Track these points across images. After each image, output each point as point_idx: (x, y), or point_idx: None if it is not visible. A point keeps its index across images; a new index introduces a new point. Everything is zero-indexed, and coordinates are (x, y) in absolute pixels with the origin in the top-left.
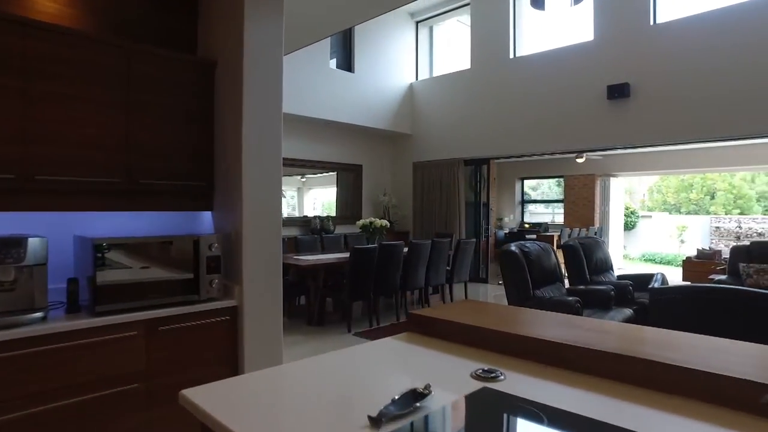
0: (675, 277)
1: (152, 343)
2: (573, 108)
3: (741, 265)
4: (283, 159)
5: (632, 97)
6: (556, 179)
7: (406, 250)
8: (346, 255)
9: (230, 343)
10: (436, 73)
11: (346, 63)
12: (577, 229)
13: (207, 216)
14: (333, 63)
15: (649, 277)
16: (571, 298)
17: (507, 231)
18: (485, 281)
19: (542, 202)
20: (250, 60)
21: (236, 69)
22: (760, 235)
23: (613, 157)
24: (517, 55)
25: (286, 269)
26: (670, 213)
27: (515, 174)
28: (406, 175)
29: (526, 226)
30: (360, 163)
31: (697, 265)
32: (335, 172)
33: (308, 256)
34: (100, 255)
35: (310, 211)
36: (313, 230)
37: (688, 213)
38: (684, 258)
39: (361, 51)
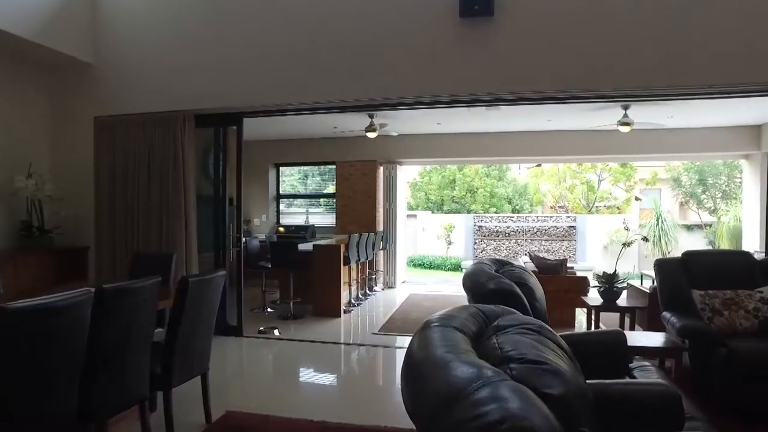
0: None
1: None
2: (398, 28)
3: (697, 293)
4: None
5: (498, 16)
6: (323, 166)
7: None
8: None
9: None
10: None
11: None
12: (358, 234)
13: None
14: None
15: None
16: None
17: (264, 238)
18: (238, 333)
19: (307, 197)
20: None
21: None
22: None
23: (405, 137)
24: None
25: None
26: (432, 212)
27: (268, 158)
28: (82, 139)
29: (281, 230)
30: None
31: (550, 281)
32: None
33: None
34: None
35: None
36: None
37: (450, 211)
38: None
39: None
